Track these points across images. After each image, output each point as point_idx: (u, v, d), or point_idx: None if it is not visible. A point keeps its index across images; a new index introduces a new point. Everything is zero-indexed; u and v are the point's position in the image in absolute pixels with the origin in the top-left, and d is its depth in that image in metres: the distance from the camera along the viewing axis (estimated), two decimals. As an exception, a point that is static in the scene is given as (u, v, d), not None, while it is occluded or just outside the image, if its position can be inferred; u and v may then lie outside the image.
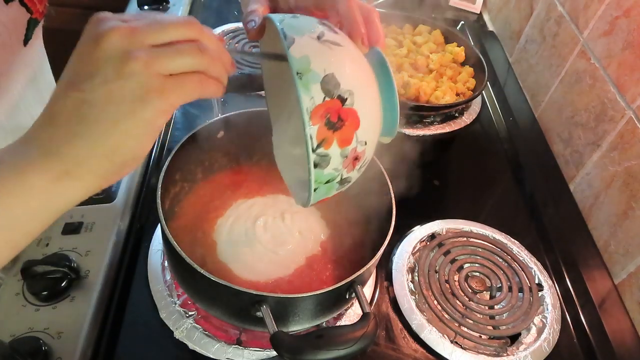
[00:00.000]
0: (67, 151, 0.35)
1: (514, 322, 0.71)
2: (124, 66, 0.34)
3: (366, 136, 0.43)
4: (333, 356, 0.48)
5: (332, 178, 0.42)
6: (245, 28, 0.50)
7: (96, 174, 0.36)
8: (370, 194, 0.71)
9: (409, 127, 0.99)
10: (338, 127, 0.40)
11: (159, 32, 0.35)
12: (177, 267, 0.61)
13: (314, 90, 0.39)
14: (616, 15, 0.84)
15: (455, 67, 1.09)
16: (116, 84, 0.34)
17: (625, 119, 0.80)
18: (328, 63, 0.40)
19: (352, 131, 0.41)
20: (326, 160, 0.40)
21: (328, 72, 0.40)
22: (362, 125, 0.42)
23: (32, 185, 0.35)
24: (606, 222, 0.81)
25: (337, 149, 0.40)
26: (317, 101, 0.39)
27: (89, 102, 0.34)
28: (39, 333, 0.58)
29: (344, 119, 0.40)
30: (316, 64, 0.39)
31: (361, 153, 0.43)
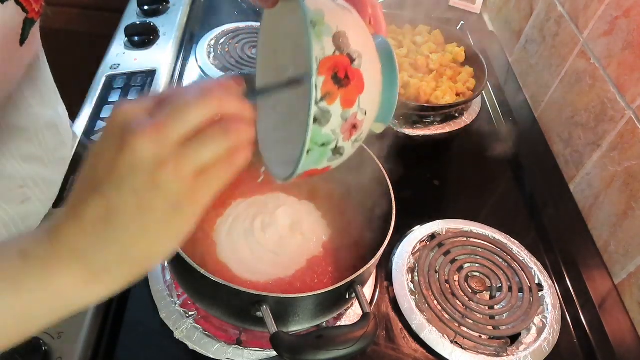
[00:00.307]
0: (97, 257, 0.34)
1: (514, 322, 0.71)
2: (154, 176, 0.32)
3: (367, 106, 0.42)
4: (333, 356, 0.48)
5: (328, 141, 0.41)
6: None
7: (123, 278, 0.36)
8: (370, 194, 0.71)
9: (409, 127, 1.00)
10: (344, 84, 0.39)
11: (182, 122, 0.33)
12: (177, 267, 0.61)
13: (326, 42, 0.38)
14: (616, 15, 0.85)
15: (455, 67, 1.09)
16: (147, 194, 0.32)
17: (625, 119, 0.80)
18: (341, 22, 0.40)
19: (356, 94, 0.40)
20: (327, 117, 0.39)
21: (341, 30, 0.39)
22: (365, 91, 0.41)
23: (59, 286, 0.34)
24: (606, 222, 0.81)
25: (339, 107, 0.39)
26: (328, 52, 0.38)
27: (116, 209, 0.33)
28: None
29: (350, 78, 0.39)
30: (330, 19, 0.39)
31: (360, 122, 0.42)
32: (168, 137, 0.32)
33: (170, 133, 0.32)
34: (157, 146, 0.32)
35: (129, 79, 0.96)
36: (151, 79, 0.96)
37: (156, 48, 1.04)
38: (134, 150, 0.31)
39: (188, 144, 0.33)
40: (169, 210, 0.33)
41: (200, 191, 0.34)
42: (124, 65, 0.99)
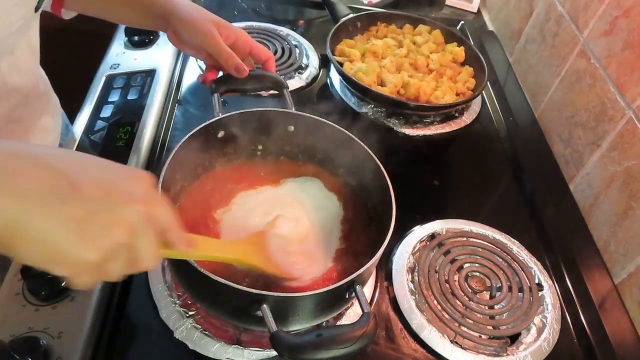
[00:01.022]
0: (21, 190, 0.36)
1: (514, 322, 0.71)
2: (120, 225, 0.39)
3: None
4: (332, 355, 0.48)
5: None
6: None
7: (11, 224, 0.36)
8: (370, 194, 0.71)
9: (409, 127, 1.00)
10: None
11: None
12: (177, 266, 0.61)
13: None
14: (616, 15, 0.85)
15: (455, 67, 1.09)
16: (103, 223, 0.38)
17: (625, 119, 0.80)
18: None
19: None
20: None
21: None
22: None
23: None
24: (606, 222, 0.81)
25: None
26: None
27: (69, 214, 0.37)
28: (39, 333, 0.58)
29: None
30: None
31: None
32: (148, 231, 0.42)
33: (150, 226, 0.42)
34: (140, 226, 0.41)
35: (128, 78, 0.96)
36: (151, 79, 0.96)
37: (156, 48, 1.04)
38: (132, 211, 0.40)
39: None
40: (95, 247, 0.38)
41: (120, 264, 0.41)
42: (123, 65, 0.99)
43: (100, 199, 0.38)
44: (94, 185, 0.39)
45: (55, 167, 0.38)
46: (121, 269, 0.41)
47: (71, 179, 0.38)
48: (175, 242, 0.46)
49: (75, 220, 0.37)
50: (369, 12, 1.21)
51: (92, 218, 0.38)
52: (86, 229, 0.37)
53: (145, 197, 0.42)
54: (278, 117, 0.75)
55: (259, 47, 0.80)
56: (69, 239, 0.37)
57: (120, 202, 0.40)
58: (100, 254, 0.38)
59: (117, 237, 0.39)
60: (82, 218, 0.37)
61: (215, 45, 0.74)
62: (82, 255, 0.37)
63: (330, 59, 1.02)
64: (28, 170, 0.36)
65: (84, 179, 0.38)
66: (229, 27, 0.77)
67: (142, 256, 0.42)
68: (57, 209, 0.36)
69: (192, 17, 0.74)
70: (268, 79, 0.80)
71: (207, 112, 0.90)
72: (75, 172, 0.38)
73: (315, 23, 1.30)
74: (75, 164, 0.40)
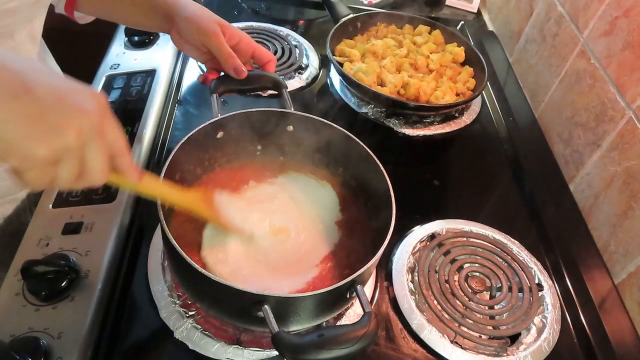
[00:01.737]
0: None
1: (514, 322, 0.71)
2: (69, 125, 0.41)
3: None
4: (334, 355, 0.48)
5: None
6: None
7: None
8: (370, 194, 0.71)
9: (409, 127, 1.00)
10: None
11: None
12: (178, 267, 0.61)
13: None
14: (616, 15, 0.85)
15: (455, 67, 1.09)
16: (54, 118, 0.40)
17: (625, 119, 0.80)
18: None
19: None
20: None
21: None
22: None
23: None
24: (606, 222, 0.81)
25: None
26: None
27: (28, 93, 0.40)
28: (39, 333, 0.58)
29: None
30: None
31: None
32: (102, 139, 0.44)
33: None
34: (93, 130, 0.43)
35: (128, 78, 0.96)
36: (151, 79, 0.96)
37: (156, 48, 1.04)
38: (76, 131, 0.41)
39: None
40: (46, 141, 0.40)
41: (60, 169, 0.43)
42: (124, 65, 0.99)
43: (52, 102, 0.41)
44: (48, 89, 0.41)
45: (13, 69, 0.40)
46: (70, 176, 0.43)
47: (26, 81, 0.40)
48: (124, 168, 0.48)
49: (26, 116, 0.39)
50: (369, 12, 1.21)
51: (43, 117, 0.40)
52: (37, 125, 0.40)
53: (98, 112, 0.43)
54: (277, 117, 0.75)
55: (262, 50, 0.81)
56: (19, 132, 0.39)
57: (72, 109, 0.42)
58: (49, 151, 0.40)
59: (67, 138, 0.41)
60: (33, 115, 0.39)
61: (218, 44, 0.74)
62: (32, 149, 0.40)
63: (330, 59, 1.02)
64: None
65: (38, 82, 0.41)
66: (233, 29, 0.78)
67: (90, 168, 0.44)
68: (8, 104, 0.39)
69: (197, 16, 0.75)
70: (267, 79, 0.80)
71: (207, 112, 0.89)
72: (31, 76, 0.41)
73: (315, 23, 1.30)
74: (34, 70, 0.42)
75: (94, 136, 0.43)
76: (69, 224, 0.70)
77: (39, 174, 0.42)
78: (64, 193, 0.74)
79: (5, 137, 0.39)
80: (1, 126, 0.39)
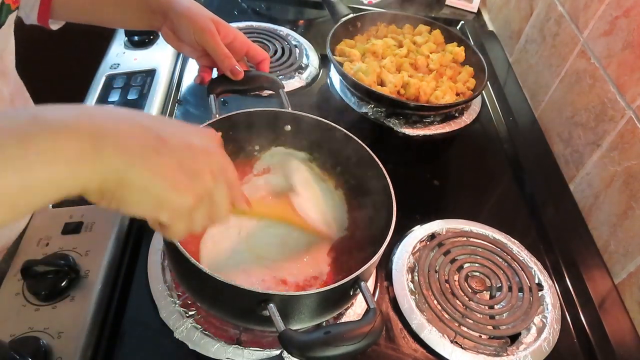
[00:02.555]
0: (111, 144, 0.38)
1: (514, 322, 0.71)
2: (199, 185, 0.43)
3: None
4: (342, 352, 0.48)
5: None
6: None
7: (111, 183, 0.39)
8: (371, 194, 0.71)
9: (409, 127, 1.00)
10: None
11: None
12: (179, 267, 0.61)
13: None
14: (616, 15, 0.85)
15: (455, 67, 1.09)
16: (191, 168, 0.42)
17: (625, 118, 0.80)
18: None
19: None
20: None
21: None
22: None
23: (63, 151, 0.36)
24: (606, 222, 0.81)
25: None
26: None
27: (160, 164, 0.41)
28: (39, 333, 0.58)
29: None
30: None
31: None
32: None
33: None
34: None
35: (128, 78, 0.96)
36: (151, 79, 0.96)
37: (156, 48, 1.04)
38: (207, 180, 0.44)
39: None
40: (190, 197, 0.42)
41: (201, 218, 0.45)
42: (123, 65, 0.99)
43: (185, 150, 0.43)
44: (178, 139, 0.43)
45: (144, 124, 0.41)
46: (205, 218, 0.45)
47: (159, 134, 0.41)
48: (238, 199, 0.51)
49: (170, 169, 0.41)
50: (369, 12, 1.21)
51: (182, 166, 0.42)
52: (179, 176, 0.41)
53: (220, 152, 0.47)
54: (274, 116, 0.75)
55: (256, 48, 0.80)
56: (166, 185, 0.40)
57: (200, 153, 0.44)
58: (194, 198, 0.42)
59: (206, 181, 0.43)
60: (174, 166, 0.41)
61: (214, 43, 0.73)
62: (181, 199, 0.42)
63: (330, 59, 1.02)
64: (124, 128, 0.40)
65: (167, 133, 0.42)
66: (228, 26, 0.77)
67: (219, 206, 0.46)
68: (153, 160, 0.40)
69: (192, 13, 0.73)
70: (264, 79, 0.80)
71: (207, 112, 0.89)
72: (161, 128, 0.42)
73: (315, 23, 1.30)
74: (160, 122, 0.44)
75: (221, 175, 0.45)
76: (68, 223, 0.70)
77: (186, 222, 0.44)
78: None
79: (156, 192, 0.40)
80: (151, 182, 0.40)
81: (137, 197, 0.40)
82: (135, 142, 0.39)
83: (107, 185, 0.38)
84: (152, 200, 0.40)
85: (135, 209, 0.41)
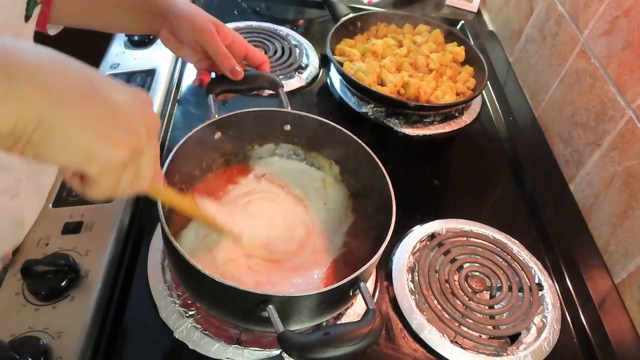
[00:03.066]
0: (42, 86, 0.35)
1: (514, 322, 0.71)
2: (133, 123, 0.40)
3: None
4: (341, 353, 0.48)
5: None
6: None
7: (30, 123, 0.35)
8: (370, 194, 0.71)
9: (409, 127, 1.00)
10: None
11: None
12: (178, 268, 0.61)
13: None
14: (616, 15, 0.84)
15: (455, 67, 1.09)
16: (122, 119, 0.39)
17: (625, 118, 0.80)
18: None
19: None
20: None
21: None
22: None
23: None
24: (606, 222, 0.81)
25: None
26: None
27: (97, 109, 0.38)
28: (38, 333, 0.58)
29: None
30: None
31: None
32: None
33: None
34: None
35: (128, 78, 0.96)
36: (151, 79, 0.96)
37: (156, 47, 1.04)
38: (137, 124, 0.40)
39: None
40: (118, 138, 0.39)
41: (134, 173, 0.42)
42: (123, 64, 0.99)
43: (120, 103, 0.39)
44: (110, 88, 0.40)
45: (75, 68, 0.38)
46: (130, 180, 0.42)
47: (91, 80, 0.38)
48: (158, 172, 0.48)
49: (101, 118, 0.38)
50: (369, 12, 1.21)
51: (116, 118, 0.39)
52: (113, 127, 0.38)
53: (154, 112, 0.44)
54: (274, 116, 0.75)
55: (255, 51, 0.80)
56: (100, 136, 0.37)
57: (136, 108, 0.41)
58: (129, 153, 0.39)
59: (141, 138, 0.40)
60: (107, 116, 0.38)
61: (213, 43, 0.73)
62: (113, 153, 0.38)
63: (330, 59, 1.02)
64: (50, 68, 0.37)
65: (99, 82, 0.39)
66: (227, 28, 0.76)
67: (146, 170, 0.43)
68: (83, 105, 0.37)
69: (191, 14, 0.73)
70: (263, 79, 0.79)
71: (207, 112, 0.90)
72: (91, 76, 0.39)
73: (315, 23, 1.30)
74: (90, 69, 0.40)
75: (155, 136, 0.42)
76: (68, 223, 0.70)
77: (114, 180, 0.40)
78: (64, 192, 0.74)
79: (85, 142, 0.37)
80: (80, 131, 0.36)
81: (62, 144, 0.36)
82: (62, 84, 0.36)
83: (23, 127, 0.34)
84: (80, 150, 0.37)
85: (57, 157, 0.37)
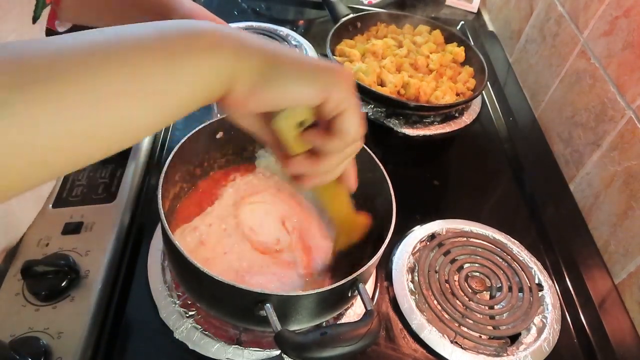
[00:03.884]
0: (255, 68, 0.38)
1: (514, 322, 0.71)
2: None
3: None
4: (338, 353, 0.48)
5: None
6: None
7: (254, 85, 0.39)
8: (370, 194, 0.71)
9: (409, 127, 1.00)
10: None
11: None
12: (179, 267, 0.61)
13: None
14: (616, 15, 0.84)
15: (455, 67, 1.09)
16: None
17: (625, 118, 0.80)
18: None
19: None
20: None
21: None
22: None
23: (212, 61, 0.37)
24: (606, 222, 0.81)
25: None
26: None
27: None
28: (39, 333, 0.58)
29: None
30: None
31: None
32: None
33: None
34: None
35: (129, 78, 0.96)
36: (151, 79, 0.96)
37: (156, 48, 1.04)
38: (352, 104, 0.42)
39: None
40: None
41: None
42: (124, 65, 0.99)
43: (317, 66, 0.40)
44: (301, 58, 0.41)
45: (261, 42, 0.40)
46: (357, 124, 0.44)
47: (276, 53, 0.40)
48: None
49: (308, 70, 0.39)
50: (369, 12, 1.21)
51: (322, 69, 0.40)
52: (318, 77, 0.40)
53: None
54: None
55: None
56: (326, 72, 0.40)
57: (336, 72, 0.41)
58: (351, 89, 0.41)
59: (344, 90, 0.41)
60: (313, 68, 0.40)
61: None
62: (345, 82, 0.40)
63: (330, 59, 1.02)
64: (256, 40, 0.39)
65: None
66: None
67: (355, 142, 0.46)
68: (294, 57, 0.39)
69: (194, 14, 0.73)
70: None
71: (208, 112, 0.90)
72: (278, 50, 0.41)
73: (315, 23, 1.30)
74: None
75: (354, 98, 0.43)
76: (69, 223, 0.70)
77: (355, 112, 0.42)
78: (64, 193, 0.74)
79: (316, 76, 0.39)
80: (310, 69, 0.39)
81: (296, 80, 0.39)
82: (272, 49, 0.39)
83: (259, 71, 0.38)
84: (316, 83, 0.39)
85: (297, 90, 0.39)
